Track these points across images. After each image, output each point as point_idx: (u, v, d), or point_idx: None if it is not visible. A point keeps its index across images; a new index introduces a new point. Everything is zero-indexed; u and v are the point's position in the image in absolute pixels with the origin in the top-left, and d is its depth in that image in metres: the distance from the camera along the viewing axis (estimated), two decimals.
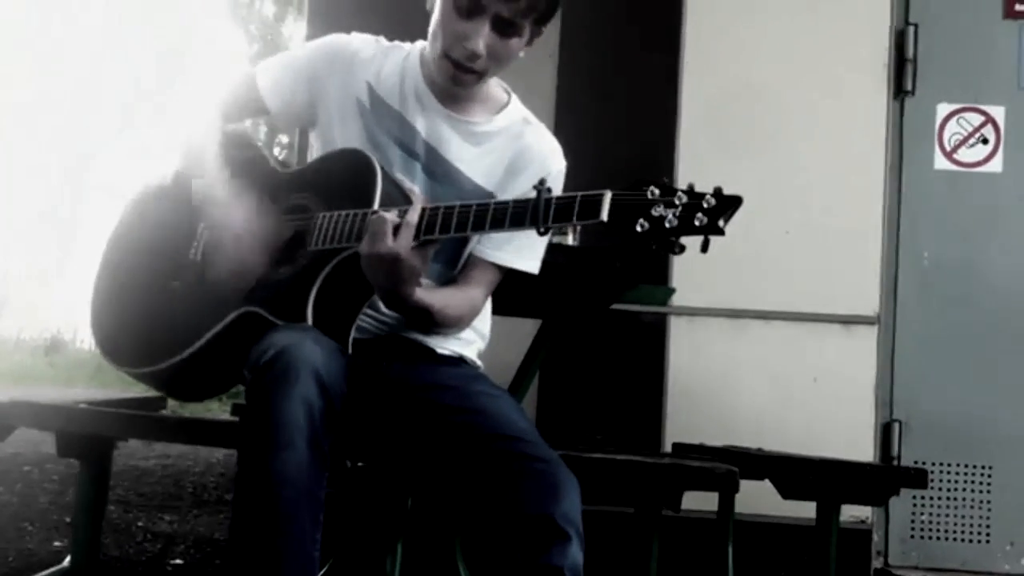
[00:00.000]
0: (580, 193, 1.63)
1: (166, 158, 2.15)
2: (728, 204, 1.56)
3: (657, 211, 1.57)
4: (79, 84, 20.40)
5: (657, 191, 1.58)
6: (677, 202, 1.57)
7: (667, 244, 1.58)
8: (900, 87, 3.79)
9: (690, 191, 1.58)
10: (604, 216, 1.58)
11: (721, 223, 1.55)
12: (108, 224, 2.19)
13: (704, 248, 1.57)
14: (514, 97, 2.10)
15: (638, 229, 1.57)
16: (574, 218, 1.62)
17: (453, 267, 2.03)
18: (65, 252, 20.98)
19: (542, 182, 1.67)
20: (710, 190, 1.57)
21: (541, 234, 1.69)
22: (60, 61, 22.24)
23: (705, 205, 1.56)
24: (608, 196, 1.59)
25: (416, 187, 1.96)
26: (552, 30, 2.01)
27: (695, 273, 3.60)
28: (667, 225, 1.57)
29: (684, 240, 1.59)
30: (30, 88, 20.60)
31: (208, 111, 2.10)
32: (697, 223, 1.56)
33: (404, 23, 2.16)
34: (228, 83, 2.15)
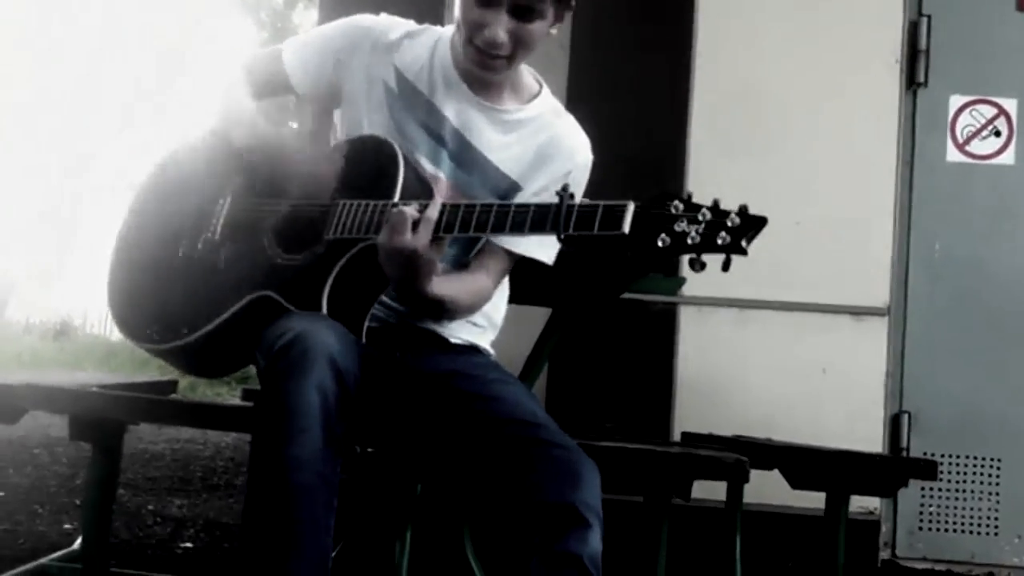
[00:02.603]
0: (603, 202, 1.61)
1: (183, 137, 2.16)
2: (752, 224, 1.54)
3: (680, 226, 1.55)
4: (78, 84, 20.40)
5: (681, 206, 1.56)
6: (700, 218, 1.55)
7: (689, 261, 1.57)
8: (913, 79, 3.77)
9: (714, 208, 1.56)
10: (626, 229, 1.56)
11: (744, 243, 1.54)
12: (124, 202, 2.21)
13: (725, 267, 1.55)
14: (545, 88, 2.09)
15: (659, 244, 1.56)
16: (595, 228, 1.60)
17: (468, 252, 2.03)
18: (65, 252, 21.03)
19: (565, 188, 1.65)
20: (735, 207, 1.55)
21: (561, 241, 1.67)
22: (59, 61, 22.25)
23: (729, 224, 1.54)
24: (631, 208, 1.57)
25: (441, 173, 1.96)
26: (565, 23, 2.00)
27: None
28: (689, 242, 1.55)
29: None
30: (29, 88, 20.62)
31: (233, 88, 2.08)
32: (720, 242, 1.54)
33: (417, 7, 2.15)
34: (254, 60, 2.14)
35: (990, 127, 3.79)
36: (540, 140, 2.02)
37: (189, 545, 3.47)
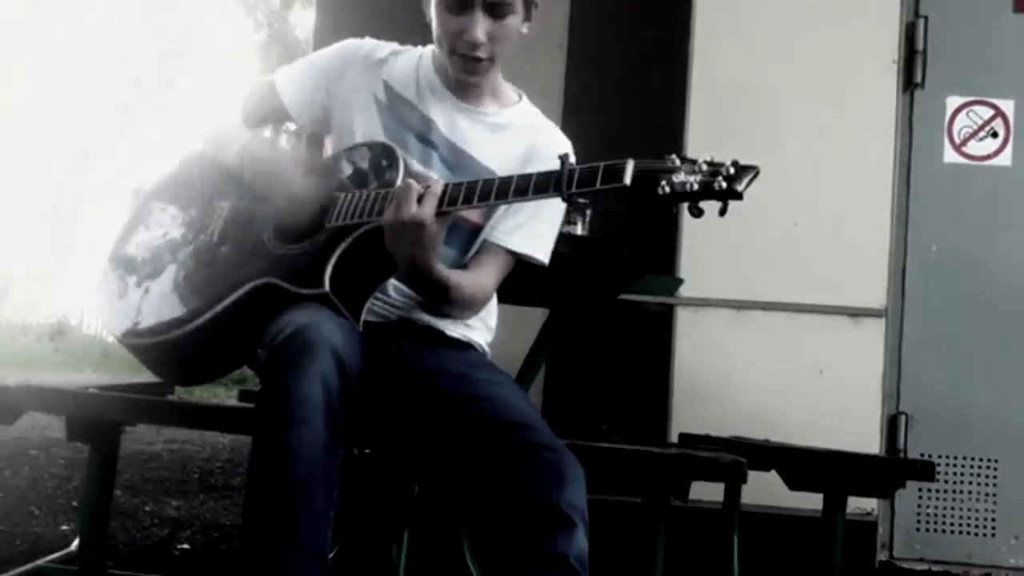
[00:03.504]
0: (603, 162, 1.67)
1: (186, 146, 2.19)
2: (746, 172, 1.61)
3: (679, 177, 1.62)
4: (79, 84, 20.44)
5: (678, 161, 1.64)
6: (698, 169, 1.62)
7: (688, 208, 1.64)
8: (910, 80, 3.78)
9: (710, 161, 1.64)
10: (627, 180, 1.63)
11: (740, 187, 1.60)
12: (123, 203, 2.23)
13: (723, 212, 1.62)
14: (525, 98, 2.17)
15: (660, 192, 1.62)
16: (598, 183, 1.66)
17: (465, 254, 2.06)
18: (65, 252, 21.05)
19: (565, 155, 1.71)
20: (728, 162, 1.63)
21: (565, 200, 1.73)
22: (60, 61, 22.28)
23: (724, 172, 1.61)
24: (631, 163, 1.64)
25: (435, 175, 1.99)
26: (561, 20, 2.04)
27: (702, 264, 3.60)
28: (688, 189, 1.62)
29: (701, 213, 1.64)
30: (30, 88, 20.66)
31: (230, 108, 2.15)
32: (717, 187, 1.61)
33: (410, 8, 2.17)
34: (250, 90, 2.20)
35: (987, 128, 3.79)
36: (524, 144, 2.08)
37: (186, 546, 3.47)
